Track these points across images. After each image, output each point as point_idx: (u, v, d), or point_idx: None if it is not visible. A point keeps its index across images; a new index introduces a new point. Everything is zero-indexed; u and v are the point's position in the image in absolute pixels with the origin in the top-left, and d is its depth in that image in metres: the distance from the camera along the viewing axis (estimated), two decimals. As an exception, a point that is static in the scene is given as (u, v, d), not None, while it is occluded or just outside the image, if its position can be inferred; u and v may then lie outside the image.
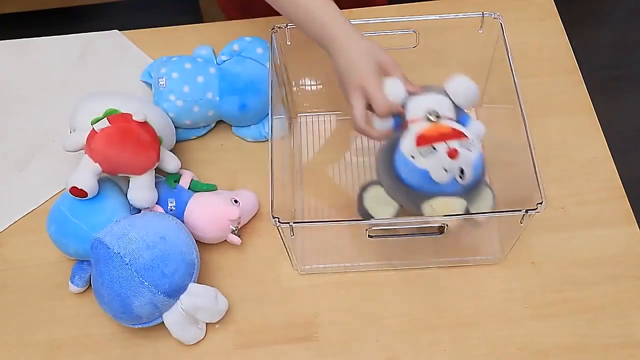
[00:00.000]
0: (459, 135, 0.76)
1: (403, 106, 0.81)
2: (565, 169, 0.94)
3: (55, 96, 1.06)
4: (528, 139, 0.77)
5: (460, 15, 0.88)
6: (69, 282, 0.86)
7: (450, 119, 0.81)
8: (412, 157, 0.76)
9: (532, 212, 0.73)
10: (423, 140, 0.76)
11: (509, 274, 0.86)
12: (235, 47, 0.98)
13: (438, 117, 0.79)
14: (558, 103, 1.00)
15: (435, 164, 0.75)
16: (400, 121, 0.82)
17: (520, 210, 0.74)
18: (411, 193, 0.77)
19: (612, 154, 0.95)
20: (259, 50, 0.97)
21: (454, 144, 0.75)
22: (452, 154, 0.74)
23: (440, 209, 0.76)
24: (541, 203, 0.73)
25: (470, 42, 0.92)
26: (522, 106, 0.79)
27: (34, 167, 0.99)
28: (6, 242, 0.92)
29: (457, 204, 0.77)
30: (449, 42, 0.92)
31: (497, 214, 0.81)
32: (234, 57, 0.97)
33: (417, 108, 0.81)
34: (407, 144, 0.77)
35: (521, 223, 0.76)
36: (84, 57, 1.10)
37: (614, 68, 2.01)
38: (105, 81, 1.07)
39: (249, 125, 0.98)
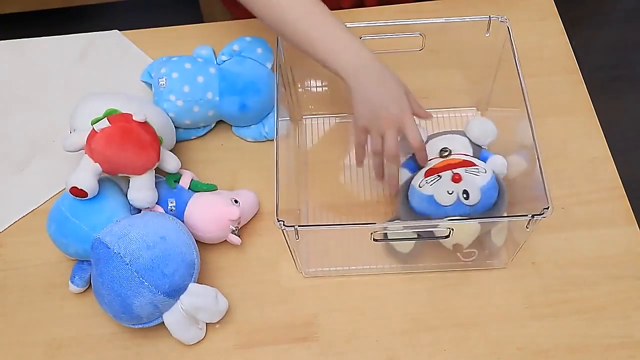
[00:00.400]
0: (466, 164, 0.82)
1: None
2: (565, 169, 0.94)
3: (55, 96, 1.06)
4: (535, 144, 0.77)
5: (467, 18, 0.88)
6: (69, 282, 0.86)
7: (465, 154, 0.85)
8: (420, 186, 0.81)
9: (539, 218, 0.73)
10: (431, 171, 0.82)
11: (509, 274, 0.86)
12: (235, 47, 0.98)
13: (450, 152, 0.85)
14: (558, 103, 1.00)
15: (439, 188, 0.79)
16: (415, 167, 0.87)
17: (527, 216, 0.73)
18: (422, 220, 0.81)
19: (612, 154, 0.95)
20: (259, 50, 0.97)
21: (459, 170, 0.80)
22: (455, 177, 0.79)
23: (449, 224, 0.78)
24: (547, 208, 0.73)
25: (475, 44, 0.91)
26: (529, 110, 0.79)
27: (34, 167, 0.99)
28: (6, 242, 0.92)
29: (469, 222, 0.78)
30: (454, 45, 0.91)
31: (503, 220, 0.81)
32: (234, 57, 0.97)
33: (432, 149, 0.87)
34: (417, 178, 0.83)
35: (527, 228, 0.76)
36: (84, 57, 1.10)
37: (614, 68, 2.01)
38: (105, 81, 1.07)
39: (249, 126, 0.98)
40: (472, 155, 0.87)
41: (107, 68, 1.08)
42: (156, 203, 0.86)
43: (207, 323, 0.83)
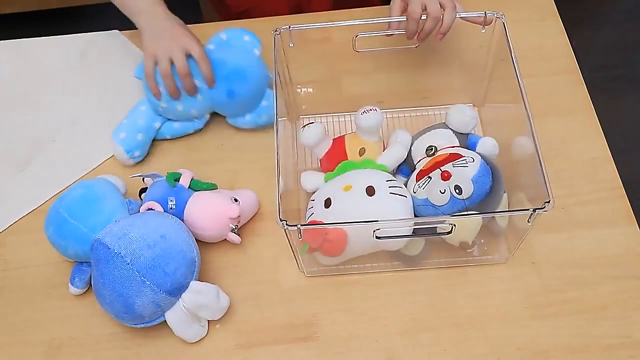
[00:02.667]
0: (452, 157, 0.82)
1: (409, 152, 0.88)
2: (565, 169, 0.94)
3: (55, 96, 1.06)
4: (534, 138, 0.77)
5: (463, 14, 0.88)
6: (69, 284, 0.86)
7: (453, 146, 0.86)
8: (414, 192, 0.82)
9: (540, 212, 0.73)
10: (421, 174, 0.83)
11: (509, 274, 0.86)
12: (223, 36, 0.98)
13: (436, 149, 0.86)
14: (558, 103, 1.00)
15: (431, 190, 0.80)
16: (408, 171, 0.89)
17: (528, 210, 0.73)
18: (424, 217, 0.81)
19: (612, 154, 0.95)
20: (246, 37, 0.97)
21: (447, 167, 0.81)
22: (444, 175, 0.80)
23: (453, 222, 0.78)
24: (549, 202, 0.73)
25: (472, 41, 0.92)
26: (527, 106, 0.79)
27: (34, 167, 0.99)
28: (6, 242, 0.92)
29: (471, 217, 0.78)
30: (450, 42, 0.91)
31: (505, 214, 0.81)
32: (220, 45, 0.97)
33: (419, 149, 0.88)
34: (411, 183, 0.84)
35: (529, 222, 0.75)
36: (84, 57, 1.10)
37: (614, 68, 2.01)
38: (106, 81, 1.07)
39: (244, 116, 0.98)
40: (458, 145, 0.86)
41: (107, 68, 1.08)
42: (156, 202, 0.86)
43: (208, 321, 0.83)
